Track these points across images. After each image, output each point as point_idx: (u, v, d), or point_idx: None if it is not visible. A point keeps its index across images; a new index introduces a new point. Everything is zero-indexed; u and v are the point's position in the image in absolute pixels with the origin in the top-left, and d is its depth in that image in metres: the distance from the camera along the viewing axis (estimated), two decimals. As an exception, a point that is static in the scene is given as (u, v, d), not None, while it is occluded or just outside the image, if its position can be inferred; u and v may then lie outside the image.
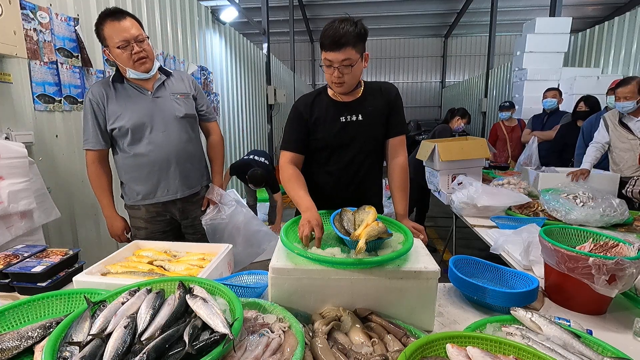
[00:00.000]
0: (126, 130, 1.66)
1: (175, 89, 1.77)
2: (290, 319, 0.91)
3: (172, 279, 0.99)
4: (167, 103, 1.72)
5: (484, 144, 2.96)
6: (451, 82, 14.29)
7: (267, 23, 6.58)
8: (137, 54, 1.57)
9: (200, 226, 1.89)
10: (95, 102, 1.64)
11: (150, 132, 1.69)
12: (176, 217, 1.86)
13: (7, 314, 0.94)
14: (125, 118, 1.65)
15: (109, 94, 1.66)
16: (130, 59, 1.58)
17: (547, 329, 0.86)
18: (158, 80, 1.72)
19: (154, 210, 1.80)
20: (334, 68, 1.36)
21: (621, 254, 1.11)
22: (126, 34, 1.54)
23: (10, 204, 1.54)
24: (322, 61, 1.39)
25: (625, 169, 2.70)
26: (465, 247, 3.78)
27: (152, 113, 1.68)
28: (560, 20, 5.52)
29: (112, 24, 1.54)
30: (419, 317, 1.00)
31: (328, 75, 1.41)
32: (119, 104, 1.66)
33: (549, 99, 4.10)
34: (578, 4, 10.38)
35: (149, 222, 1.81)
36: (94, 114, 1.65)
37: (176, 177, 1.76)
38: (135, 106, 1.67)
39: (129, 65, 1.60)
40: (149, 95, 1.70)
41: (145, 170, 1.72)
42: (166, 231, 1.86)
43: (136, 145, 1.69)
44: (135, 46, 1.56)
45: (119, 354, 0.70)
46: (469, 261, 1.33)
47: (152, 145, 1.69)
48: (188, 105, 1.78)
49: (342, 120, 1.49)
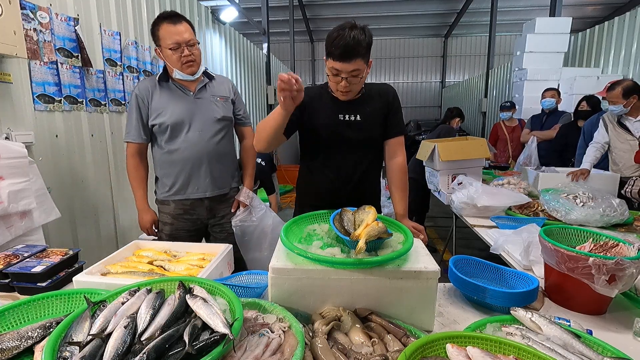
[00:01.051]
0: (166, 127, 1.74)
1: (216, 91, 1.85)
2: (290, 319, 0.91)
3: (172, 279, 0.99)
4: (207, 104, 1.80)
5: (484, 144, 2.96)
6: (451, 82, 14.28)
7: (267, 23, 6.58)
8: (186, 57, 1.66)
9: (227, 225, 1.93)
10: (141, 97, 1.74)
11: (188, 131, 1.76)
12: (203, 217, 1.90)
13: (7, 314, 0.94)
14: (167, 115, 1.73)
15: (154, 91, 1.75)
16: (179, 60, 1.67)
17: (547, 329, 0.86)
18: (201, 82, 1.81)
19: (182, 208, 1.85)
20: (342, 78, 1.34)
21: (621, 254, 1.11)
22: (179, 37, 1.64)
23: (10, 204, 1.54)
24: (329, 69, 1.34)
25: (625, 169, 2.70)
26: (465, 247, 3.78)
27: (192, 113, 1.76)
28: (560, 20, 5.52)
29: (168, 26, 1.64)
30: (419, 317, 1.00)
31: (334, 84, 1.39)
32: (162, 101, 1.74)
33: (548, 98, 4.10)
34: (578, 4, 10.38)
35: (175, 219, 1.86)
36: (139, 109, 1.75)
37: (207, 176, 1.82)
38: (177, 105, 1.75)
39: (177, 67, 1.69)
40: (191, 96, 1.78)
41: (178, 167, 1.79)
42: (190, 231, 1.89)
43: (173, 142, 1.77)
44: (186, 49, 1.66)
45: (119, 354, 0.70)
46: (469, 261, 1.33)
47: (187, 143, 1.76)
48: (226, 108, 1.86)
49: (340, 118, 1.49)
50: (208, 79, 1.85)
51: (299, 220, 1.28)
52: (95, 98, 2.36)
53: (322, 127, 1.49)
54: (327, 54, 1.33)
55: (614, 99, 2.58)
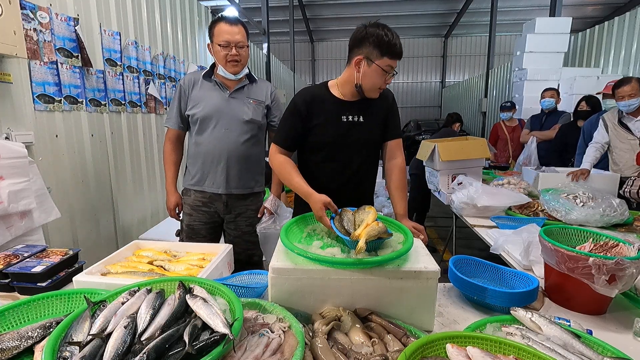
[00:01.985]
0: (197, 119, 1.83)
1: (252, 94, 1.90)
2: (290, 319, 0.91)
3: (172, 279, 0.99)
4: (239, 105, 1.85)
5: (484, 144, 2.96)
6: (451, 82, 14.29)
7: (267, 23, 6.58)
8: (232, 55, 1.75)
9: (242, 223, 1.97)
10: (184, 87, 1.86)
11: (215, 127, 1.83)
12: (220, 212, 1.94)
13: (7, 314, 0.94)
14: (200, 107, 1.82)
15: (197, 84, 1.86)
16: (225, 58, 1.76)
17: (547, 329, 0.86)
18: (241, 83, 1.88)
19: (201, 200, 1.92)
20: (390, 75, 1.40)
21: (621, 254, 1.11)
22: (230, 37, 1.74)
23: (10, 204, 1.54)
24: (381, 68, 1.36)
25: (625, 169, 2.70)
26: (465, 247, 3.78)
27: (222, 110, 1.83)
28: (560, 20, 5.53)
29: (224, 25, 1.74)
30: (419, 317, 1.00)
31: (379, 82, 1.41)
32: (200, 94, 1.84)
33: (547, 99, 4.10)
34: (578, 4, 10.39)
35: (194, 210, 1.93)
36: (180, 97, 1.86)
37: (223, 174, 1.87)
38: (211, 100, 1.83)
39: (222, 63, 1.78)
40: (226, 94, 1.84)
41: (201, 159, 1.87)
42: (207, 223, 1.94)
43: (200, 134, 1.86)
44: (234, 49, 1.75)
45: (119, 354, 0.70)
46: (469, 261, 1.33)
47: (212, 137, 1.84)
48: (257, 111, 1.89)
49: (343, 120, 1.50)
50: (249, 82, 1.91)
51: (299, 220, 1.28)
52: (95, 98, 2.36)
53: (326, 128, 1.50)
54: (381, 53, 1.35)
55: (632, 92, 2.51)
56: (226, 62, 1.77)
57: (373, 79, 1.40)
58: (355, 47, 1.40)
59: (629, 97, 2.53)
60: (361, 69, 1.39)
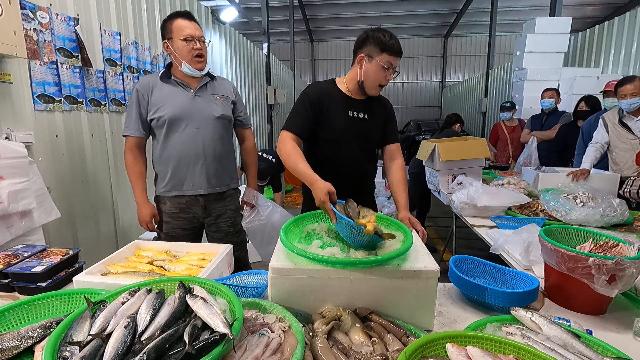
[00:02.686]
0: (164, 122, 1.75)
1: (217, 90, 1.87)
2: (290, 319, 0.91)
3: (172, 279, 0.99)
4: (207, 102, 1.82)
5: (484, 144, 2.96)
6: (451, 82, 14.29)
7: (267, 23, 6.58)
8: (197, 50, 1.72)
9: (224, 225, 1.94)
10: (142, 92, 1.76)
11: (185, 128, 1.77)
12: (199, 216, 1.90)
13: (7, 314, 0.94)
14: (165, 110, 1.75)
15: (155, 87, 1.78)
16: (190, 52, 1.71)
17: (547, 329, 0.86)
18: (203, 81, 1.84)
19: (178, 207, 1.86)
20: (391, 72, 1.52)
21: (621, 254, 1.11)
22: (192, 31, 1.71)
23: (10, 204, 1.54)
24: (381, 64, 1.49)
25: (625, 169, 2.70)
26: (465, 247, 3.78)
27: (190, 109, 1.77)
28: (560, 20, 5.52)
29: (183, 21, 1.71)
30: (419, 316, 1.00)
31: (380, 78, 1.53)
32: (161, 96, 1.76)
33: (547, 99, 4.10)
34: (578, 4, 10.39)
35: (171, 217, 1.87)
36: (138, 103, 1.77)
37: (202, 173, 1.83)
38: (176, 100, 1.77)
39: (187, 59, 1.72)
40: (191, 93, 1.80)
41: (174, 162, 1.80)
42: (187, 229, 1.90)
43: (171, 137, 1.78)
44: (198, 43, 1.72)
45: (119, 354, 0.70)
46: (469, 261, 1.33)
47: (184, 139, 1.78)
48: (226, 107, 1.87)
49: (350, 115, 1.62)
50: (210, 79, 1.88)
51: (299, 219, 1.28)
52: (95, 98, 2.36)
53: (334, 122, 1.60)
54: (381, 50, 1.49)
55: (635, 90, 2.50)
56: (192, 57, 1.71)
57: (374, 75, 1.53)
58: (358, 48, 1.56)
59: (631, 96, 2.53)
60: (363, 66, 1.53)
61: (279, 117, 7.35)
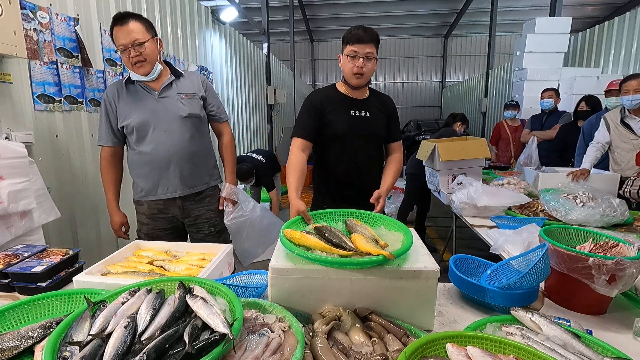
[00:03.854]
0: (132, 129, 1.74)
1: (182, 89, 1.81)
2: (290, 319, 0.91)
3: (172, 279, 0.99)
4: (172, 103, 1.77)
5: (484, 143, 2.96)
6: (451, 82, 14.28)
7: (267, 23, 6.58)
8: (133, 57, 1.63)
9: (204, 225, 1.92)
10: (109, 102, 1.76)
11: (153, 131, 1.75)
12: (177, 215, 1.88)
13: (7, 314, 0.94)
14: (132, 117, 1.73)
15: (121, 94, 1.76)
16: (129, 62, 1.65)
17: (547, 329, 0.86)
18: (167, 80, 1.78)
19: (155, 208, 1.85)
20: (359, 58, 1.57)
21: (621, 254, 1.11)
22: (124, 40, 1.61)
23: (10, 204, 1.54)
24: (346, 55, 1.59)
25: (627, 169, 2.69)
26: (465, 247, 3.77)
27: (156, 112, 1.74)
28: (560, 20, 5.52)
29: (118, 29, 1.62)
30: (419, 316, 1.00)
31: (351, 67, 1.60)
32: (127, 104, 1.75)
33: (546, 99, 4.11)
34: (578, 4, 10.39)
35: (150, 219, 1.87)
36: (107, 113, 1.77)
37: (175, 176, 1.80)
38: (141, 106, 1.74)
39: (129, 68, 1.69)
40: (155, 95, 1.76)
41: (147, 168, 1.79)
42: (167, 229, 1.90)
43: (140, 143, 1.77)
44: (132, 50, 1.62)
45: (119, 354, 0.70)
46: (469, 261, 1.33)
47: (154, 143, 1.75)
48: (193, 105, 1.81)
49: (351, 114, 1.70)
50: (175, 77, 1.80)
51: (299, 220, 1.28)
52: (95, 98, 2.36)
53: (337, 122, 1.68)
54: (345, 43, 1.61)
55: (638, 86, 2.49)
56: (132, 65, 1.65)
57: (345, 66, 1.63)
58: None
59: (634, 92, 2.52)
60: (341, 63, 1.66)
61: (278, 117, 7.34)
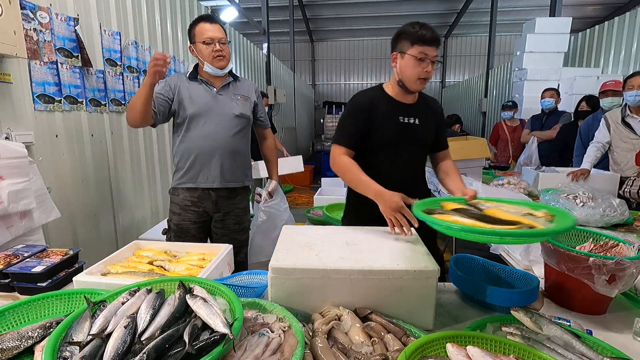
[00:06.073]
0: (185, 117, 1.86)
1: (238, 91, 1.97)
2: (290, 319, 0.91)
3: (172, 279, 0.99)
4: (227, 101, 1.92)
5: (484, 143, 2.96)
6: (451, 82, 14.28)
7: (267, 23, 6.58)
8: (217, 51, 1.82)
9: (230, 222, 2.01)
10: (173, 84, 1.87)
11: (205, 123, 1.87)
12: (210, 210, 1.97)
13: (7, 314, 0.94)
14: (188, 107, 1.85)
15: (182, 84, 1.89)
16: (211, 54, 1.82)
17: (547, 329, 0.86)
18: (226, 81, 1.95)
19: (190, 200, 1.94)
20: (429, 62, 1.41)
21: (621, 254, 1.11)
22: (213, 34, 1.82)
23: (10, 204, 1.54)
24: (416, 54, 1.40)
25: (627, 169, 2.69)
26: (465, 247, 3.76)
27: (211, 106, 1.88)
28: (560, 20, 5.52)
29: (204, 24, 1.82)
30: (418, 316, 1.00)
31: (418, 71, 1.43)
32: (187, 94, 1.87)
33: (547, 99, 4.10)
34: (578, 4, 10.38)
35: (183, 209, 1.95)
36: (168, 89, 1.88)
37: (217, 168, 1.91)
38: (200, 98, 1.87)
39: (208, 60, 1.83)
40: (213, 91, 1.91)
41: (192, 156, 1.89)
42: (196, 222, 1.97)
43: (190, 132, 1.88)
44: (218, 45, 1.82)
45: (119, 354, 0.70)
46: (470, 260, 1.33)
47: (203, 134, 1.87)
48: (246, 106, 1.97)
49: (400, 121, 1.54)
50: (233, 79, 1.97)
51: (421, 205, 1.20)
52: (95, 98, 2.36)
53: (386, 128, 1.53)
54: (410, 43, 1.41)
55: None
56: (212, 58, 1.82)
57: (409, 70, 1.44)
58: (392, 49, 1.50)
59: (638, 88, 2.53)
60: (397, 64, 1.48)
61: (279, 117, 7.34)
